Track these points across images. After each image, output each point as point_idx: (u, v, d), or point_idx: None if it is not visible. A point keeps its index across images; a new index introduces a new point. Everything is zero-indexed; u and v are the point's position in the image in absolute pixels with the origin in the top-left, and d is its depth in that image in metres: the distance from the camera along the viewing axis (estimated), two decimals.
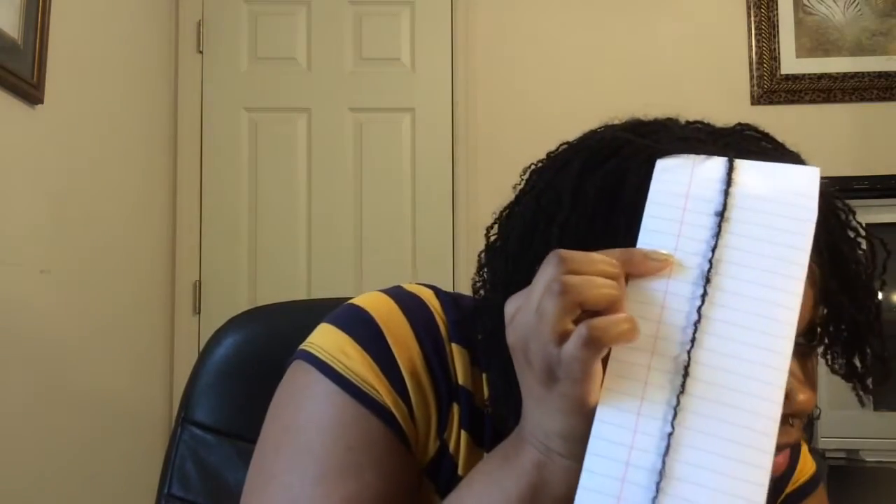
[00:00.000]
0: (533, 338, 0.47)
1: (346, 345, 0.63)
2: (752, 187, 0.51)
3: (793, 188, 0.50)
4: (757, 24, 2.81)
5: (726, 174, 0.51)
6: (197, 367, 0.94)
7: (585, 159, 0.57)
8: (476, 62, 2.84)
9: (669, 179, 0.52)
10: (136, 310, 2.48)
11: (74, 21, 2.08)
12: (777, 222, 0.49)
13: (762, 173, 0.51)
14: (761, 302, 0.48)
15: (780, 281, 0.48)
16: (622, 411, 0.47)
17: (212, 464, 0.89)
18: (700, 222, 0.50)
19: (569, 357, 0.46)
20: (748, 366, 0.47)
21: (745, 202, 0.50)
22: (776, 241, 0.49)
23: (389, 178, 2.80)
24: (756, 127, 0.62)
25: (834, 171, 2.63)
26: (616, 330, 0.46)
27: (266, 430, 0.64)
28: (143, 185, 2.56)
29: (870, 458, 2.07)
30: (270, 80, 2.83)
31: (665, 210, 0.51)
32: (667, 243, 0.50)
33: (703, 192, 0.51)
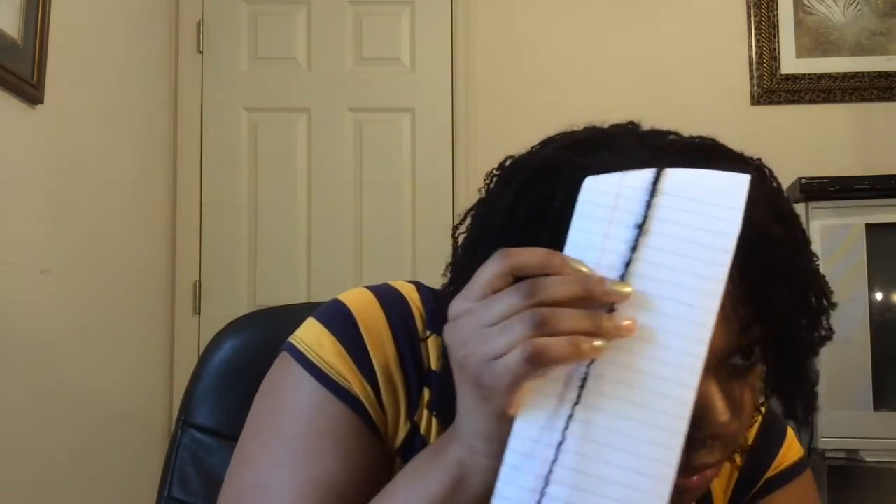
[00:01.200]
0: (473, 342, 0.49)
1: (322, 336, 0.67)
2: (677, 198, 0.49)
3: (719, 199, 0.48)
4: (757, 24, 2.81)
5: (652, 185, 0.50)
6: (197, 370, 0.95)
7: (522, 179, 0.59)
8: (476, 62, 2.84)
9: (598, 192, 0.51)
10: (136, 310, 2.48)
11: (74, 21, 2.08)
12: (698, 235, 0.48)
13: (690, 183, 0.50)
14: (673, 318, 0.48)
15: (695, 296, 0.48)
16: (536, 426, 0.49)
17: (212, 467, 0.90)
18: (622, 236, 0.50)
19: (502, 367, 0.47)
20: (657, 382, 0.47)
21: (668, 214, 0.49)
22: (695, 256, 0.48)
23: (389, 178, 2.80)
24: (715, 140, 0.61)
25: (834, 171, 2.64)
26: (557, 352, 0.47)
27: (250, 413, 0.69)
28: (142, 185, 2.56)
29: (870, 458, 2.06)
30: (270, 80, 2.83)
31: (591, 223, 0.51)
32: (590, 258, 0.50)
33: (628, 204, 0.50)
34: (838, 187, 2.14)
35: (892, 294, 2.15)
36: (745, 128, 2.77)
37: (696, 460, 0.55)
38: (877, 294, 2.12)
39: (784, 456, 0.77)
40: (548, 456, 0.48)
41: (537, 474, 0.48)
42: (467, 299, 0.50)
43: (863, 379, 2.06)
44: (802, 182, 2.14)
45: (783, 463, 0.76)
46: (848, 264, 2.09)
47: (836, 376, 2.08)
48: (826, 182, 2.14)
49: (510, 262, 0.49)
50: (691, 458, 0.55)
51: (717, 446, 0.56)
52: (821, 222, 2.12)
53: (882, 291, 2.13)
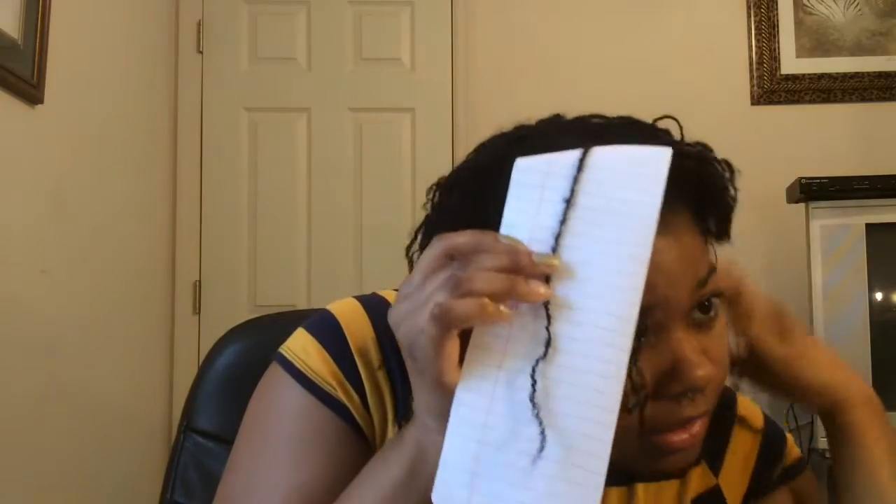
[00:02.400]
0: (406, 318, 0.52)
1: (308, 344, 0.68)
2: (603, 172, 0.51)
3: (643, 171, 0.51)
4: (757, 24, 2.81)
5: (578, 161, 0.52)
6: (199, 376, 0.96)
7: (464, 183, 0.63)
8: (476, 62, 2.84)
9: (528, 171, 0.54)
10: (136, 310, 2.48)
11: (74, 21, 2.07)
12: (624, 206, 0.50)
13: (615, 158, 0.52)
14: (602, 285, 0.50)
15: (624, 263, 0.50)
16: (476, 393, 0.51)
17: (214, 471, 0.90)
18: (551, 210, 0.52)
19: (423, 335, 0.50)
20: (591, 346, 0.49)
21: (594, 188, 0.51)
22: (622, 225, 0.50)
23: (389, 178, 2.80)
24: (633, 118, 0.64)
25: (834, 171, 2.64)
26: (462, 310, 0.49)
27: (242, 420, 0.71)
28: (143, 185, 2.56)
29: None
30: (270, 80, 2.83)
31: (523, 203, 0.53)
32: (523, 235, 0.52)
33: (556, 181, 0.52)
34: (838, 187, 2.14)
35: (892, 294, 2.15)
36: (745, 128, 2.77)
37: (681, 413, 0.58)
38: (877, 294, 2.12)
39: (787, 454, 0.79)
40: (487, 422, 0.50)
41: (477, 440, 0.50)
42: (408, 285, 0.54)
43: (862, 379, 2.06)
44: (802, 182, 2.14)
45: (787, 461, 0.79)
46: (848, 264, 2.09)
47: None
48: (826, 182, 2.14)
49: (445, 244, 0.52)
50: (677, 412, 0.58)
51: (698, 398, 0.58)
52: (821, 222, 2.12)
53: (882, 291, 2.13)
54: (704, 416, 0.60)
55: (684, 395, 0.57)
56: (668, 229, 0.56)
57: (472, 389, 0.51)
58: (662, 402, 0.58)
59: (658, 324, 0.57)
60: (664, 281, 0.56)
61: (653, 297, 0.54)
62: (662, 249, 0.55)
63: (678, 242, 0.57)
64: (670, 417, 0.58)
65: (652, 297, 0.54)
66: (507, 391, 0.51)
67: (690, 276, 0.58)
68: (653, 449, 0.59)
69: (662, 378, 0.57)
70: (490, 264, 0.50)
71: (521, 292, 0.50)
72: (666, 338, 0.57)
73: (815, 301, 2.11)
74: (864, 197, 2.12)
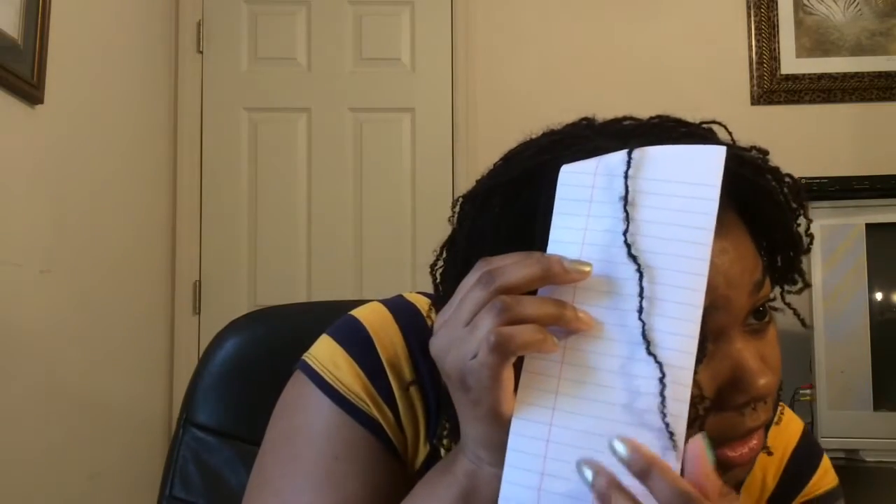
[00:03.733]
0: (452, 347, 0.50)
1: (338, 356, 0.66)
2: (656, 172, 0.51)
3: (697, 170, 0.50)
4: (757, 24, 2.81)
5: (627, 162, 0.51)
6: (198, 370, 0.95)
7: (502, 196, 0.58)
8: (476, 62, 2.84)
9: (576, 175, 0.52)
10: (136, 310, 2.48)
11: (74, 21, 2.08)
12: (681, 204, 0.49)
13: (666, 157, 0.51)
14: (668, 274, 0.49)
15: (686, 263, 0.49)
16: (534, 422, 0.49)
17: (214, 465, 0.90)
18: (606, 211, 0.51)
19: (477, 364, 0.48)
20: (662, 336, 0.48)
21: (649, 186, 0.50)
22: (681, 223, 0.49)
23: (389, 178, 2.80)
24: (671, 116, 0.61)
25: (834, 171, 2.64)
26: (522, 339, 0.48)
27: (267, 434, 0.67)
28: (143, 185, 2.56)
29: (870, 458, 2.07)
30: (270, 80, 2.83)
31: (573, 205, 0.52)
32: (575, 238, 0.51)
33: (607, 180, 0.51)
34: (838, 187, 2.14)
35: (892, 294, 2.15)
36: (745, 128, 2.75)
37: (744, 426, 0.55)
38: (877, 294, 2.12)
39: (816, 484, 0.74)
40: (547, 452, 0.49)
41: (539, 471, 0.49)
42: (449, 309, 0.51)
43: (863, 379, 2.06)
44: (802, 182, 2.14)
45: (815, 491, 0.74)
46: (848, 264, 2.09)
47: (836, 376, 2.08)
48: (826, 182, 2.14)
49: (487, 267, 0.50)
50: (739, 424, 0.55)
51: (760, 408, 0.56)
52: (821, 222, 2.12)
53: (882, 291, 2.13)
54: (764, 427, 0.58)
55: (747, 405, 0.55)
56: (724, 232, 0.54)
57: (530, 418, 0.49)
58: (725, 414, 0.55)
59: (719, 329, 0.55)
60: (724, 282, 0.54)
61: (714, 298, 0.53)
62: (720, 251, 0.54)
63: (734, 244, 0.55)
64: (732, 430, 0.55)
65: (713, 298, 0.53)
66: (567, 418, 0.49)
67: (748, 277, 0.55)
68: None
69: (724, 388, 0.55)
70: (521, 273, 0.49)
71: (568, 317, 0.49)
72: (726, 345, 0.55)
73: (815, 301, 2.11)
74: (864, 197, 2.12)
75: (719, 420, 0.55)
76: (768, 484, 0.72)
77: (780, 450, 0.73)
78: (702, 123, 0.61)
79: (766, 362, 0.57)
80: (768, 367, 0.56)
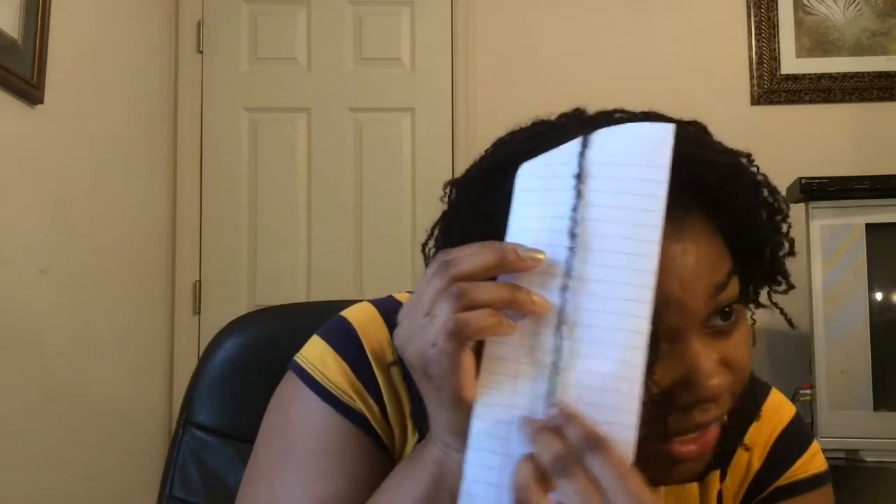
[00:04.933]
0: (413, 337, 0.51)
1: (326, 354, 0.68)
2: (607, 154, 0.52)
3: (646, 151, 0.50)
4: (757, 24, 2.81)
5: (581, 145, 0.52)
6: (198, 370, 0.95)
7: (479, 187, 0.61)
8: (476, 62, 2.84)
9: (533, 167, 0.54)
10: (136, 310, 2.48)
11: (74, 21, 2.07)
12: (631, 178, 0.50)
13: (618, 138, 0.52)
14: (617, 254, 0.49)
15: (636, 230, 0.49)
16: (496, 405, 0.50)
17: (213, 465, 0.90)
18: (561, 193, 0.52)
19: (437, 352, 0.49)
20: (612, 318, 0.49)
21: (600, 171, 0.51)
22: (632, 195, 0.50)
23: (389, 178, 2.80)
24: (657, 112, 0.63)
25: (834, 171, 2.63)
26: (478, 324, 0.49)
27: (260, 431, 0.70)
28: (143, 185, 2.56)
29: (870, 458, 2.07)
30: (270, 80, 2.83)
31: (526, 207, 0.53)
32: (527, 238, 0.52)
33: (562, 167, 0.53)
34: (838, 187, 2.14)
35: (892, 294, 2.15)
36: (745, 128, 2.76)
37: (693, 421, 0.57)
38: (877, 294, 2.12)
39: (801, 467, 0.74)
40: (510, 434, 0.50)
41: (502, 452, 0.50)
42: (411, 301, 0.53)
43: (863, 379, 2.06)
44: (802, 182, 2.14)
45: (799, 474, 0.74)
46: (848, 264, 2.09)
47: (836, 376, 2.08)
48: (826, 182, 2.14)
49: (445, 258, 0.52)
50: (687, 419, 0.56)
51: (710, 407, 0.57)
52: (821, 222, 2.12)
53: (882, 291, 2.13)
54: (716, 422, 0.58)
55: (696, 405, 0.56)
56: (683, 234, 0.55)
57: (491, 402, 0.50)
58: (674, 412, 0.56)
59: (673, 329, 0.55)
60: (677, 285, 0.54)
61: (665, 300, 0.53)
62: (676, 255, 0.55)
63: (693, 246, 0.56)
64: (679, 425, 0.57)
65: (665, 300, 0.53)
66: (527, 401, 0.50)
67: (706, 280, 0.56)
68: (661, 457, 0.57)
69: (676, 387, 0.56)
70: (476, 261, 0.50)
71: (522, 300, 0.50)
72: (682, 346, 0.56)
73: (815, 301, 2.11)
74: (864, 197, 2.12)
75: (670, 416, 0.56)
76: (754, 464, 0.73)
77: (769, 432, 0.74)
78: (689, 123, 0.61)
79: (727, 363, 0.58)
80: (728, 368, 0.57)
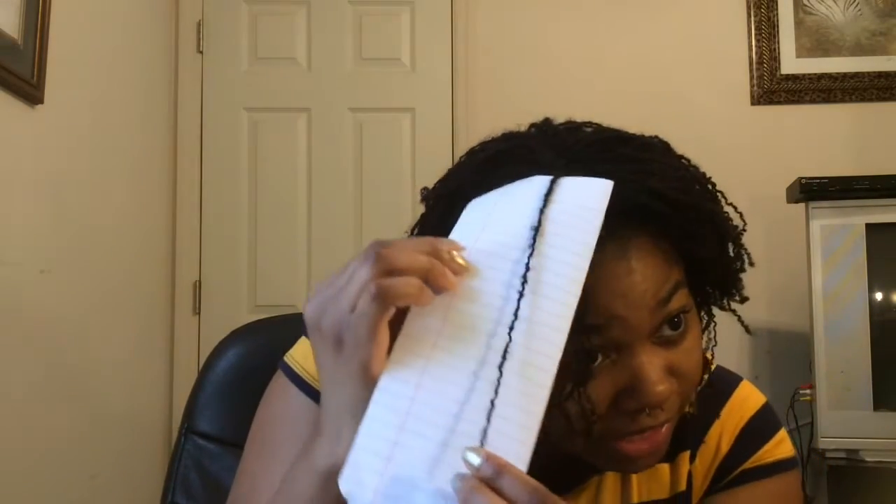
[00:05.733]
0: (329, 304, 0.52)
1: (309, 350, 0.68)
2: (558, 200, 0.56)
3: (588, 203, 0.56)
4: (757, 24, 2.81)
5: (545, 194, 0.57)
6: (200, 378, 0.96)
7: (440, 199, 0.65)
8: (476, 62, 2.84)
9: (476, 207, 0.59)
10: (136, 310, 2.48)
11: (74, 21, 2.07)
12: (573, 234, 0.54)
13: (571, 194, 0.57)
14: (544, 284, 0.53)
15: (564, 267, 0.53)
16: (402, 382, 0.51)
17: (215, 473, 0.91)
18: (500, 230, 0.56)
19: (356, 316, 0.50)
20: (529, 339, 0.51)
21: (552, 213, 0.56)
22: (570, 250, 0.54)
23: (389, 178, 2.80)
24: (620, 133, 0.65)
25: (834, 171, 2.63)
26: (404, 289, 0.50)
27: (250, 429, 0.74)
28: (143, 184, 2.56)
29: (870, 458, 2.07)
30: (270, 80, 2.83)
31: (468, 228, 0.58)
32: (468, 242, 0.55)
33: (507, 208, 0.57)
34: (838, 187, 2.14)
35: (892, 294, 2.15)
36: (745, 128, 2.77)
37: (640, 424, 0.60)
38: (877, 294, 2.12)
39: (768, 451, 0.76)
40: (411, 410, 0.50)
41: (398, 426, 0.50)
42: (327, 279, 0.54)
43: (863, 379, 2.06)
44: (802, 182, 2.14)
45: (766, 458, 0.76)
46: (848, 264, 2.10)
47: (836, 376, 2.08)
48: (826, 182, 2.14)
49: (376, 242, 0.53)
50: (634, 423, 0.59)
51: (658, 412, 0.60)
52: (821, 222, 2.12)
53: (882, 291, 2.13)
54: (666, 424, 0.61)
55: (641, 411, 0.59)
56: (628, 254, 0.59)
57: (398, 378, 0.51)
58: (621, 416, 0.59)
59: (617, 342, 0.59)
60: (620, 303, 0.58)
61: (610, 317, 0.57)
62: (620, 274, 0.58)
63: (639, 265, 0.59)
64: (628, 428, 0.60)
65: (609, 318, 0.57)
66: (436, 383, 0.51)
67: (650, 296, 0.59)
68: (613, 454, 0.61)
69: (621, 394, 0.59)
70: (412, 247, 0.52)
71: (437, 272, 0.51)
72: (628, 357, 0.59)
73: (815, 301, 2.11)
74: (864, 197, 2.12)
75: (616, 419, 0.60)
76: (722, 449, 0.75)
77: (738, 418, 0.76)
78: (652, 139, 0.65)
79: (674, 370, 0.60)
80: (674, 376, 0.60)
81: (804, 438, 2.23)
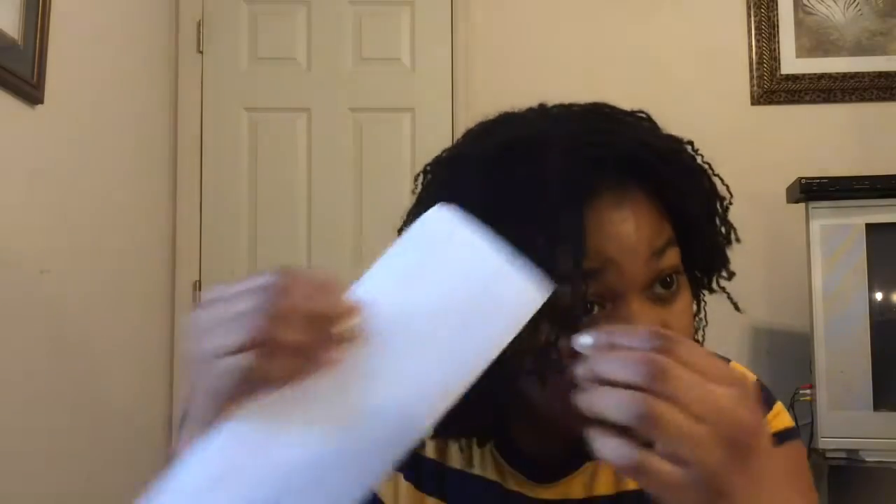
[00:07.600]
0: (207, 335, 0.50)
1: None
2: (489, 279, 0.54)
3: (518, 303, 0.53)
4: (757, 24, 2.81)
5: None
6: None
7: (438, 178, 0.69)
8: (476, 62, 2.84)
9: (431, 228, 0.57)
10: (136, 309, 2.48)
11: (74, 21, 2.07)
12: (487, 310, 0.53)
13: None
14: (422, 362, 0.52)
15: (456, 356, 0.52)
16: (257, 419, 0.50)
17: None
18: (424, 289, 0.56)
19: (224, 367, 0.49)
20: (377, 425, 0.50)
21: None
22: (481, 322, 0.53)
23: (389, 178, 2.80)
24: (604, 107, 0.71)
25: (834, 171, 2.63)
26: (277, 372, 0.49)
27: None
28: (143, 185, 2.56)
29: (870, 458, 2.07)
30: (270, 80, 2.83)
31: (399, 260, 0.59)
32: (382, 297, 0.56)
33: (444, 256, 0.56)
34: (838, 187, 2.14)
35: (892, 294, 2.15)
36: (745, 128, 2.77)
37: None
38: (877, 294, 2.12)
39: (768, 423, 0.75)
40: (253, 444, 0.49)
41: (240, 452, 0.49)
42: (225, 290, 0.52)
43: (863, 379, 2.06)
44: (802, 182, 2.14)
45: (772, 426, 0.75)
46: (848, 264, 2.09)
47: (836, 376, 2.08)
48: (826, 182, 2.14)
49: (286, 273, 0.52)
50: None
51: None
52: (821, 222, 2.11)
53: (882, 291, 2.13)
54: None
55: None
56: (623, 204, 0.60)
57: (233, 434, 0.50)
58: None
59: (613, 291, 0.59)
60: (615, 246, 0.59)
61: (605, 261, 0.58)
62: (615, 220, 0.59)
63: (632, 214, 0.60)
64: None
65: (604, 262, 0.58)
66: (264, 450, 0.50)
67: (645, 245, 0.60)
68: None
69: None
70: (307, 279, 0.52)
71: (322, 351, 0.50)
72: (622, 307, 0.59)
73: (815, 301, 2.11)
74: (864, 197, 2.12)
75: None
76: None
77: None
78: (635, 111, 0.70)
79: (667, 328, 0.60)
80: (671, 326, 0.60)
81: (804, 438, 2.24)
